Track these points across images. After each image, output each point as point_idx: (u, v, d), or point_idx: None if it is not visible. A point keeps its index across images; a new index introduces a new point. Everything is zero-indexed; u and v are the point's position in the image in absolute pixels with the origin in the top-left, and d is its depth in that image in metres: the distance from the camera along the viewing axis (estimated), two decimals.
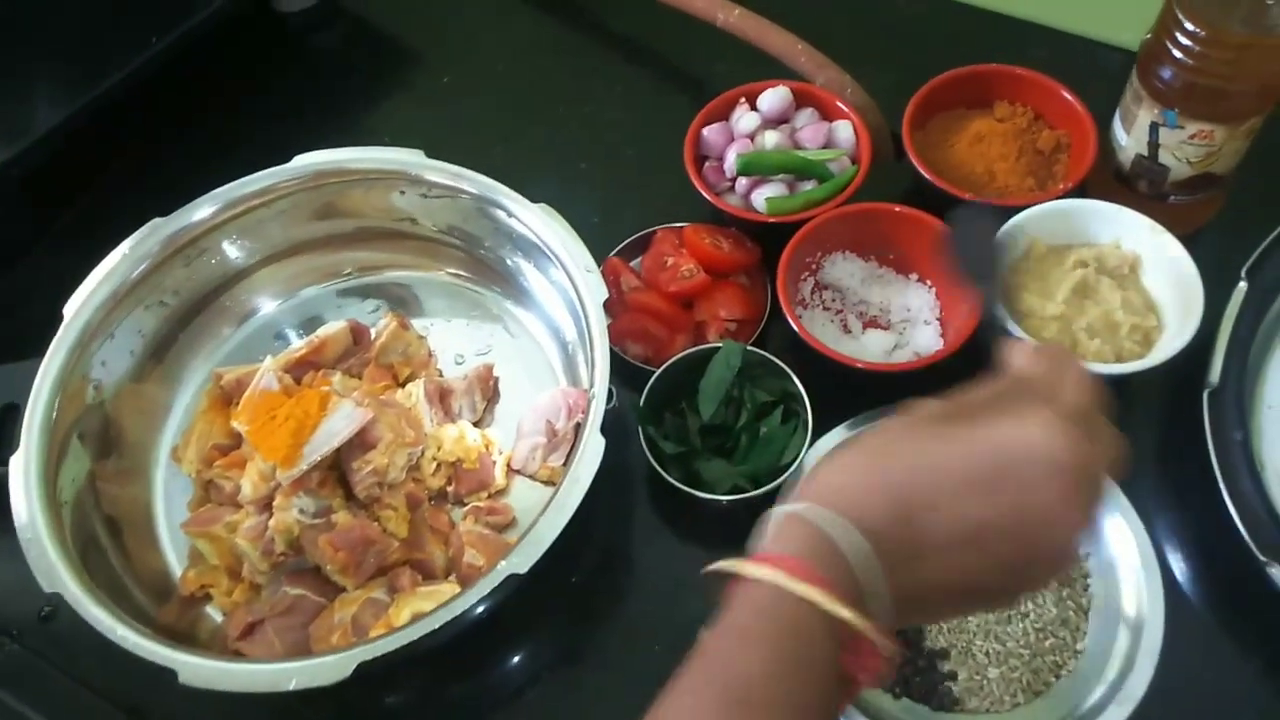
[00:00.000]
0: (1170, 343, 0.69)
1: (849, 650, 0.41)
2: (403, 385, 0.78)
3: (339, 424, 0.67)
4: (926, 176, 0.79)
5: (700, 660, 0.42)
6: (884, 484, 0.42)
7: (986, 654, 0.65)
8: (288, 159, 0.80)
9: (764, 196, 0.80)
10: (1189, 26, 0.68)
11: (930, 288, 0.79)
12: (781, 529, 0.43)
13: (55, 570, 0.63)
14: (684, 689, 0.41)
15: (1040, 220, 0.76)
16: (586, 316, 0.70)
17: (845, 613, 0.39)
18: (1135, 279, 0.74)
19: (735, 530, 0.72)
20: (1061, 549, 0.43)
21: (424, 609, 0.63)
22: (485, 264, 0.82)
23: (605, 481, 0.64)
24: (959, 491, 0.42)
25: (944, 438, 0.43)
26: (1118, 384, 0.66)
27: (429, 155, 0.79)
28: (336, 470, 0.70)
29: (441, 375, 0.80)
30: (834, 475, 0.44)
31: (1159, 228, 0.73)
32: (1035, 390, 0.45)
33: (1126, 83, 0.77)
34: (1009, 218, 0.75)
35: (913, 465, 0.43)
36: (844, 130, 0.83)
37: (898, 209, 0.77)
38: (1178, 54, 0.70)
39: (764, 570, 0.41)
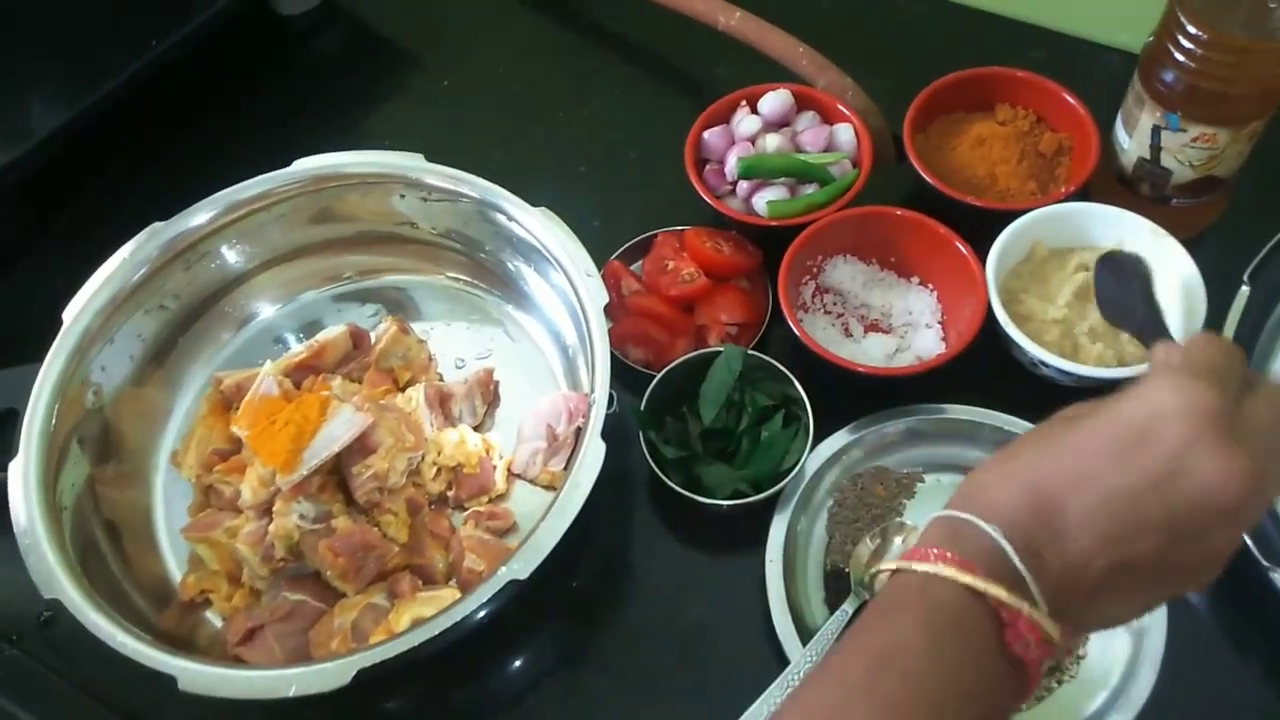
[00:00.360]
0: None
1: (1010, 629, 0.41)
2: (403, 390, 0.77)
3: (339, 429, 0.67)
4: (928, 180, 0.79)
5: (850, 637, 0.43)
6: (1016, 475, 0.43)
7: None
8: (287, 162, 0.80)
9: (765, 200, 0.80)
10: (1191, 29, 0.68)
11: (932, 291, 0.79)
12: (923, 535, 0.44)
13: (54, 576, 0.63)
14: (831, 659, 0.42)
15: (1043, 223, 0.75)
16: (587, 320, 0.70)
17: (986, 585, 0.40)
18: None
19: (737, 535, 0.72)
20: (1223, 507, 0.41)
21: (424, 614, 0.63)
22: (485, 268, 0.82)
23: (606, 486, 0.64)
24: (1094, 464, 0.42)
25: (1072, 425, 0.44)
26: (1119, 388, 0.66)
27: (429, 158, 0.79)
28: (336, 475, 0.70)
29: (442, 379, 0.80)
30: (968, 483, 0.45)
31: (1161, 231, 0.73)
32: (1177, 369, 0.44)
33: (1128, 86, 0.77)
34: (1011, 220, 0.75)
35: (1043, 452, 0.44)
36: (845, 133, 0.83)
37: (899, 212, 0.77)
38: (1180, 57, 0.70)
39: (901, 563, 0.42)
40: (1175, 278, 0.72)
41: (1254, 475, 0.40)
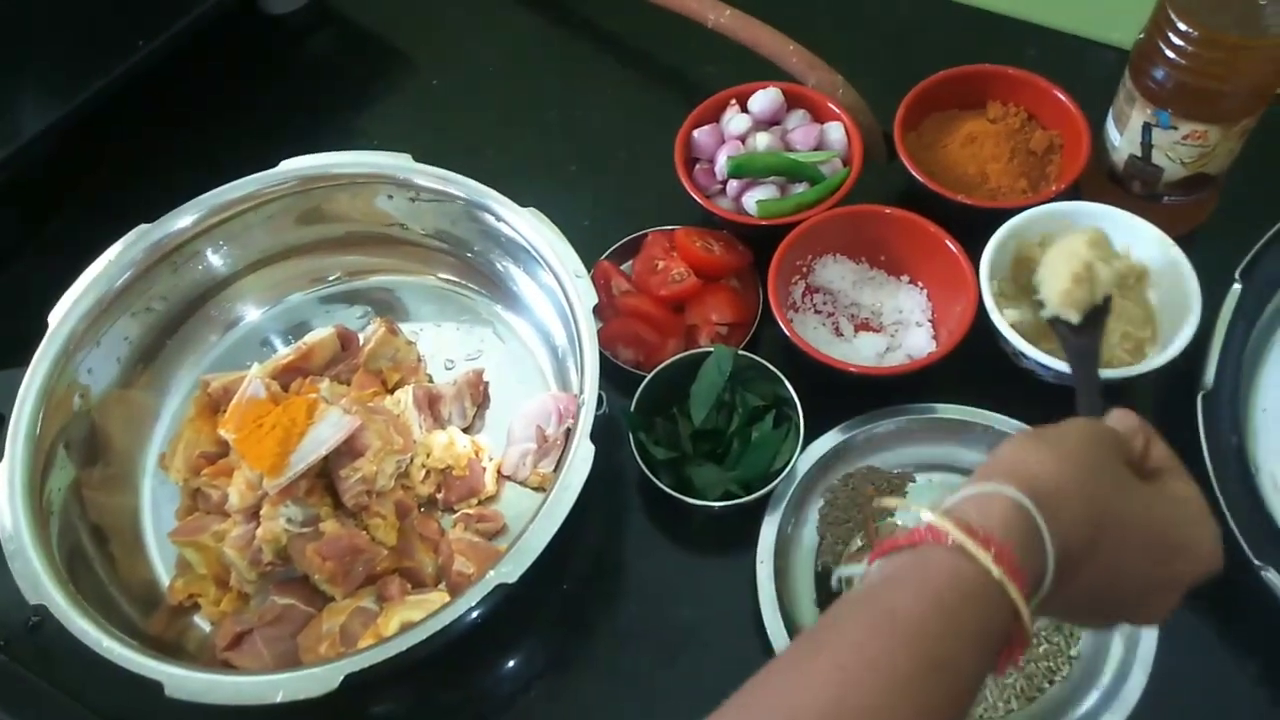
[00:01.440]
0: (1166, 349, 0.68)
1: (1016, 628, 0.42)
2: (391, 391, 0.77)
3: (326, 432, 0.67)
4: (919, 178, 0.78)
5: (871, 599, 0.42)
6: (1087, 496, 0.44)
7: None
8: (275, 163, 0.79)
9: (755, 199, 0.80)
10: (1182, 27, 0.68)
11: (922, 289, 0.79)
12: (991, 506, 0.43)
13: (41, 581, 0.63)
14: (847, 614, 0.41)
15: (1050, 220, 0.75)
16: (576, 321, 0.70)
17: (1025, 610, 0.41)
18: (1139, 290, 0.74)
19: (727, 536, 0.72)
20: (1153, 618, 0.50)
21: (413, 618, 0.63)
22: (474, 268, 0.82)
23: (596, 487, 0.64)
24: (1135, 550, 0.46)
25: (1136, 489, 0.47)
26: (1110, 388, 0.66)
27: (417, 159, 0.79)
28: (324, 478, 0.69)
29: (431, 381, 0.79)
30: (1039, 466, 0.44)
31: (1168, 240, 0.73)
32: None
33: (1119, 83, 0.76)
34: (1002, 219, 0.74)
35: (1115, 494, 0.46)
36: (835, 132, 0.82)
37: (889, 211, 0.77)
38: (1171, 55, 0.69)
39: (977, 550, 0.41)
40: (1172, 280, 0.72)
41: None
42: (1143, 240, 0.74)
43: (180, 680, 0.58)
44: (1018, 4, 0.97)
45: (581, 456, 0.64)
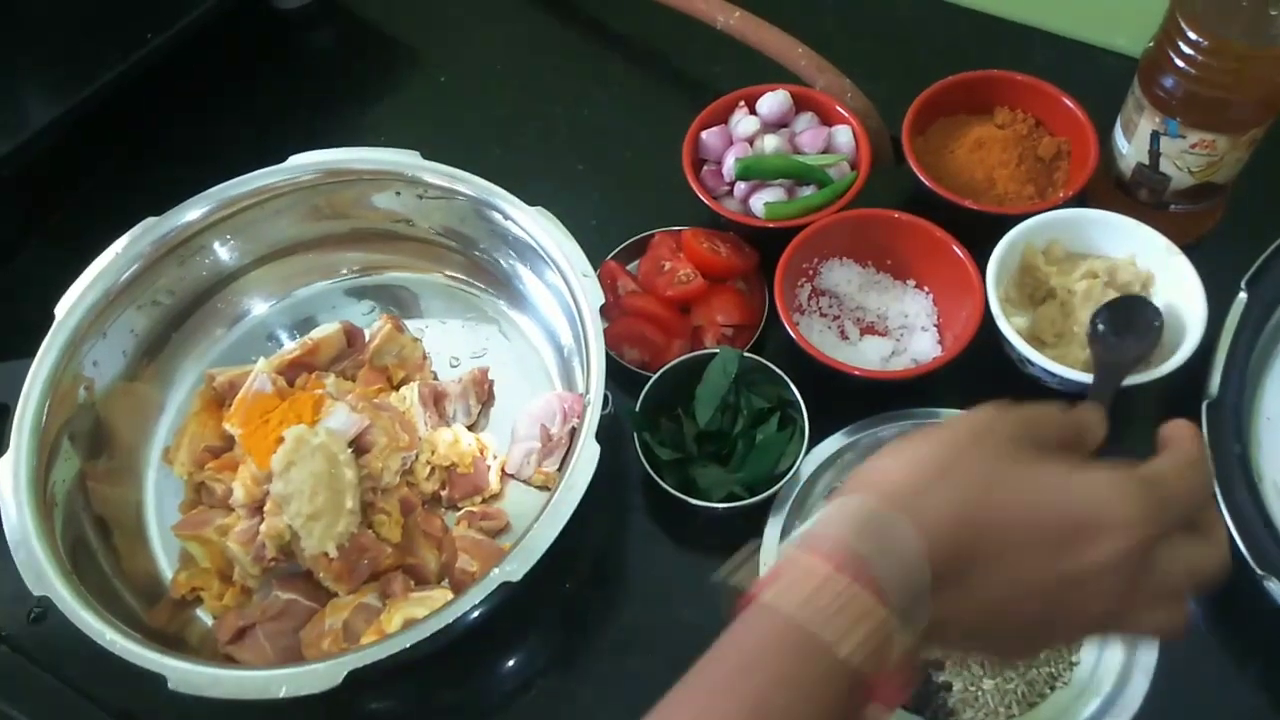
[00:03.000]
0: (1171, 358, 0.68)
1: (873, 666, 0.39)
2: (396, 388, 0.77)
3: (333, 428, 0.67)
4: (926, 183, 0.78)
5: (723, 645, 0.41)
6: (956, 503, 0.41)
7: (982, 665, 0.65)
8: (283, 158, 0.79)
9: (763, 201, 0.80)
10: (1192, 36, 0.68)
11: (928, 294, 0.79)
12: (843, 519, 0.41)
13: (44, 572, 0.63)
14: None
15: (1057, 226, 0.75)
16: (582, 321, 0.70)
17: (891, 619, 0.38)
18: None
19: (731, 537, 0.72)
20: (1087, 627, 0.44)
21: (416, 615, 0.63)
22: (481, 266, 0.82)
23: (600, 487, 0.64)
24: (1025, 546, 0.41)
25: (1023, 474, 0.42)
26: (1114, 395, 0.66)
27: (425, 155, 0.79)
28: None
29: (436, 378, 0.79)
30: (902, 474, 0.42)
31: (1174, 249, 0.73)
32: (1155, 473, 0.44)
33: (1128, 90, 0.77)
34: (1009, 225, 0.74)
35: (988, 495, 0.41)
36: (843, 135, 0.82)
37: (897, 215, 0.77)
38: (1180, 63, 0.69)
39: (819, 564, 0.39)
40: (1174, 283, 0.72)
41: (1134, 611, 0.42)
42: (1149, 248, 0.74)
43: (184, 674, 0.58)
44: (1025, 9, 0.97)
45: (587, 456, 0.64)
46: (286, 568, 0.69)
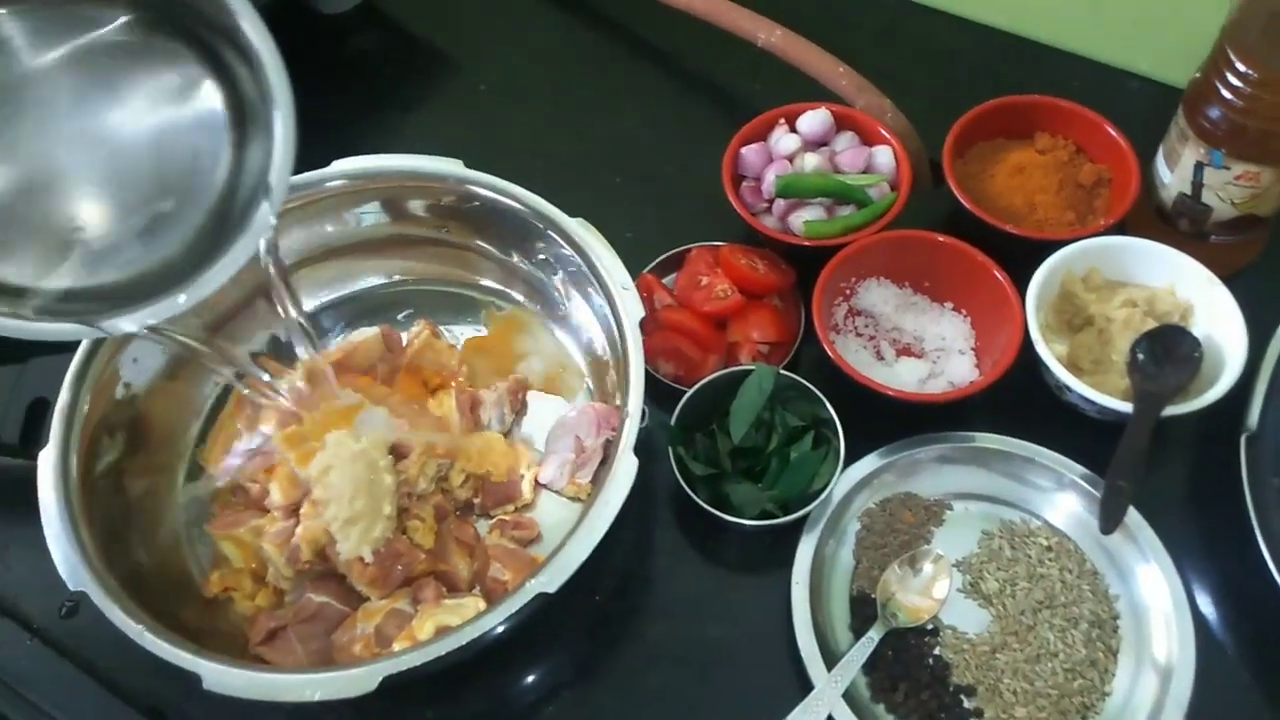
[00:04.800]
0: (1210, 390, 0.68)
1: None
2: (432, 394, 0.77)
3: (372, 433, 0.67)
4: (967, 206, 0.78)
5: None
6: None
7: (1014, 693, 0.65)
8: (325, 162, 0.79)
9: (802, 219, 0.80)
10: (1241, 68, 0.68)
11: (965, 317, 0.79)
12: None
13: (81, 568, 0.63)
14: None
15: (1097, 253, 0.75)
16: (622, 334, 0.70)
17: None
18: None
19: (760, 555, 0.72)
20: None
21: (448, 622, 0.63)
22: (519, 275, 0.82)
23: (632, 501, 0.64)
24: None
25: None
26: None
27: (464, 163, 0.79)
28: None
29: (471, 386, 0.79)
30: None
31: (1215, 280, 0.73)
32: None
33: (1171, 120, 0.76)
34: (1049, 250, 0.74)
35: None
36: (884, 155, 0.82)
37: (941, 238, 0.77)
38: (1228, 95, 0.69)
39: None
40: (1215, 316, 0.72)
41: None
42: (1189, 278, 0.74)
43: (219, 675, 0.58)
44: (1065, 34, 0.97)
45: (625, 470, 0.64)
46: (319, 570, 0.69)
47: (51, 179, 0.56)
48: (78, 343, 0.71)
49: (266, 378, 0.67)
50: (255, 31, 0.57)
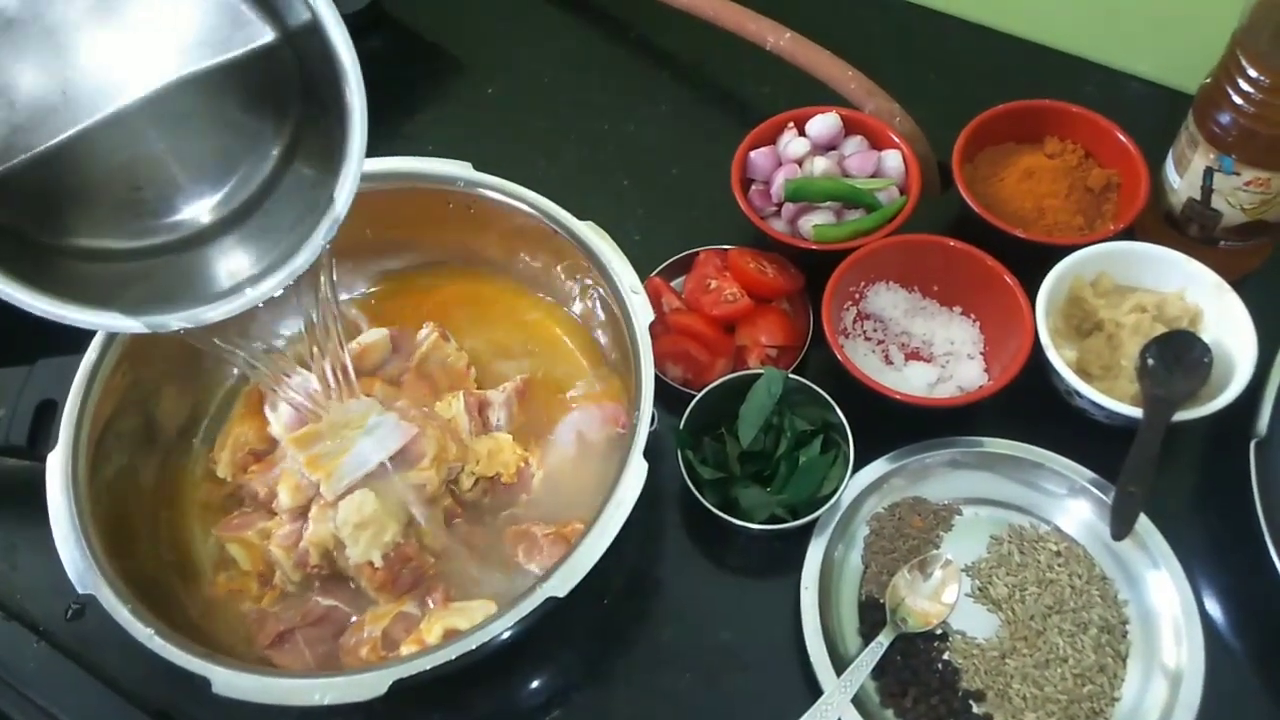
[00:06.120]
0: (1220, 395, 0.68)
1: None
2: (440, 397, 0.77)
3: (385, 438, 0.67)
4: (976, 210, 0.78)
5: None
6: None
7: (1024, 698, 0.65)
8: None
9: (811, 223, 0.80)
10: (1252, 73, 0.68)
11: (974, 322, 0.79)
12: None
13: (89, 570, 0.62)
14: None
15: (1106, 259, 0.75)
16: (632, 337, 0.69)
17: None
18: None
19: (769, 559, 0.72)
20: None
21: (456, 625, 0.63)
22: (528, 277, 0.82)
23: (641, 504, 0.64)
24: None
25: None
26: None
27: (476, 167, 0.79)
28: None
29: (479, 388, 0.79)
30: None
31: (1225, 285, 0.73)
32: None
33: (1180, 125, 0.76)
34: (1058, 255, 0.74)
35: None
36: (893, 160, 0.82)
37: (950, 243, 0.77)
38: (1238, 100, 0.69)
39: None
40: (1224, 321, 0.72)
41: None
42: (1198, 284, 0.74)
43: (229, 678, 0.58)
44: (1075, 39, 0.97)
45: (635, 473, 0.63)
46: (327, 573, 0.69)
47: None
48: (85, 344, 0.71)
49: (288, 376, 0.67)
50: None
